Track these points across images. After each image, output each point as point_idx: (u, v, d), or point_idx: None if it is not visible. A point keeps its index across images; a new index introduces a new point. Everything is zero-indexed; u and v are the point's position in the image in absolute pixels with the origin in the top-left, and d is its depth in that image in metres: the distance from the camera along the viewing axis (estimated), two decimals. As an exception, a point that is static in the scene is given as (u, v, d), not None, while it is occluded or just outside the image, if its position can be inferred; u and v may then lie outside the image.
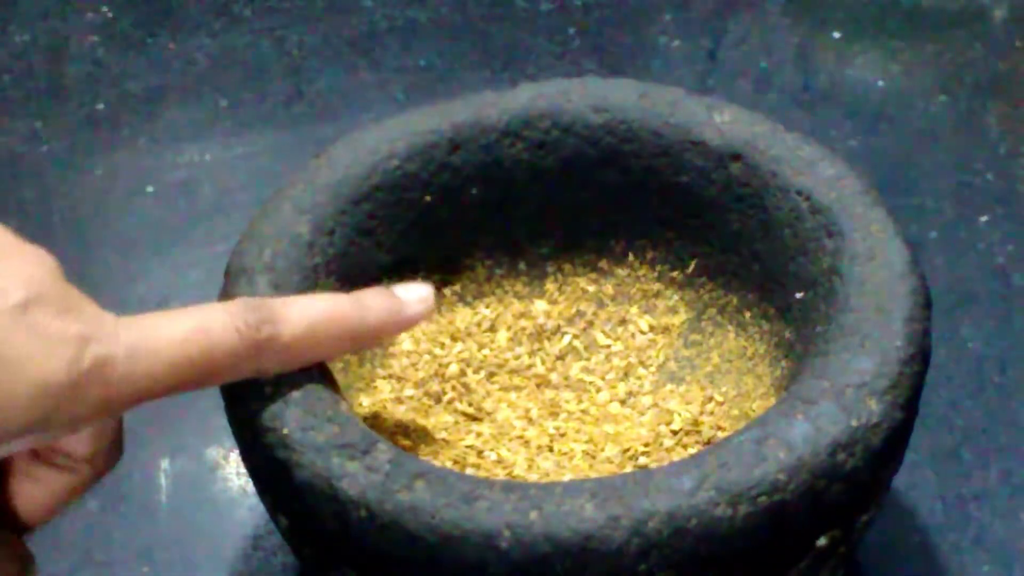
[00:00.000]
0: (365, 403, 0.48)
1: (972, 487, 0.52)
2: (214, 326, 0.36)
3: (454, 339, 0.51)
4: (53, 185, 0.67)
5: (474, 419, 0.48)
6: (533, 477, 0.46)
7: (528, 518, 0.37)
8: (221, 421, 0.44)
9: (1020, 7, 0.74)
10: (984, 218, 0.62)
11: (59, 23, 0.76)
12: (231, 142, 0.69)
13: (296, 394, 0.41)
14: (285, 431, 0.40)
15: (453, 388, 0.49)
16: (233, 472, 0.54)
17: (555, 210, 0.51)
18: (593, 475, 0.45)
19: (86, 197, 0.66)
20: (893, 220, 0.44)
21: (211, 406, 0.49)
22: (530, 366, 0.50)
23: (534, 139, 0.50)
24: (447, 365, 0.50)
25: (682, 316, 0.50)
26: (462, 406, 0.49)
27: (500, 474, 0.46)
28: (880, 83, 0.70)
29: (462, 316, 0.51)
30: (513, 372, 0.50)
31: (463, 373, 0.50)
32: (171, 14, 0.76)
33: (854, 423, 0.39)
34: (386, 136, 0.49)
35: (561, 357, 0.51)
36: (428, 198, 0.49)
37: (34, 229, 0.65)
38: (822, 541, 0.39)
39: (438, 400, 0.49)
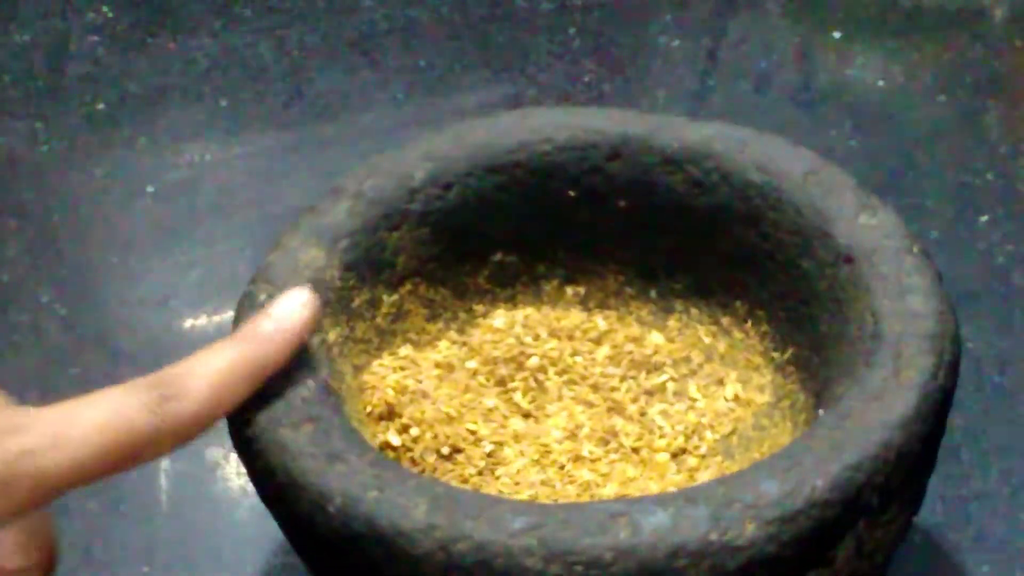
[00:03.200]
0: (410, 354, 0.48)
1: (972, 487, 0.52)
2: (129, 409, 0.36)
3: (552, 335, 0.50)
4: (53, 185, 0.67)
5: (525, 415, 0.48)
6: (502, 481, 0.46)
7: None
8: (221, 421, 0.44)
9: (1020, 7, 0.74)
10: (984, 218, 0.62)
11: (59, 23, 0.76)
12: (231, 142, 0.69)
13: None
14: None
15: (524, 380, 0.49)
16: (233, 472, 0.54)
17: (694, 249, 0.50)
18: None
19: (86, 197, 0.66)
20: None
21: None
22: (614, 389, 0.49)
23: (694, 176, 0.49)
24: (529, 356, 0.49)
25: (766, 397, 0.49)
26: (520, 398, 0.48)
27: (492, 476, 0.46)
28: (880, 83, 0.70)
29: (573, 317, 0.51)
30: (594, 388, 0.49)
31: (543, 369, 0.49)
32: (171, 14, 0.76)
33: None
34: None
35: (650, 393, 0.49)
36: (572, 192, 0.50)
37: (34, 229, 0.65)
38: None
39: (501, 384, 0.49)
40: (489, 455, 0.46)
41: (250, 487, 0.45)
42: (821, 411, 0.43)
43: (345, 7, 0.76)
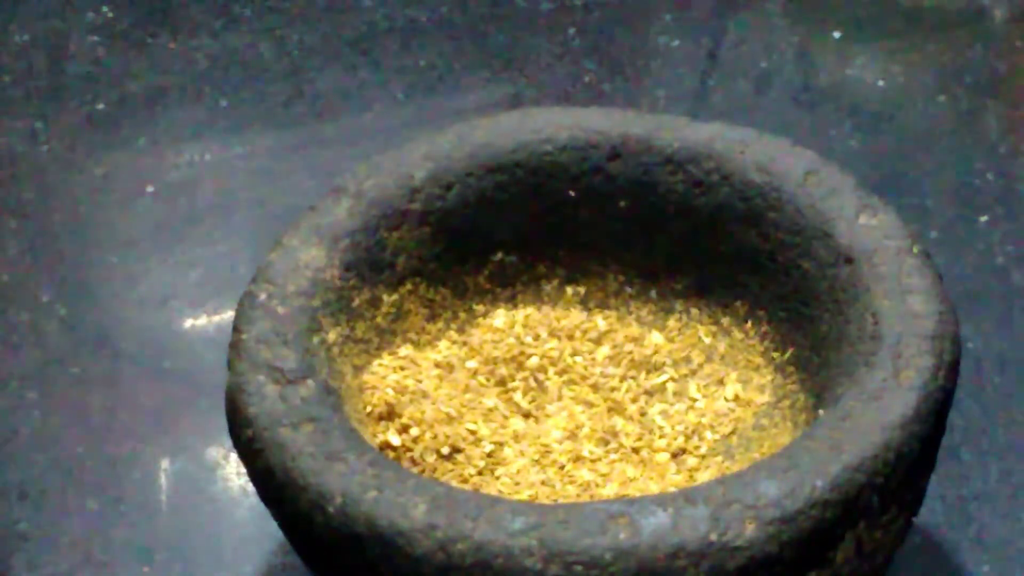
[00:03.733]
0: (410, 354, 0.48)
1: (972, 487, 0.52)
2: None
3: (552, 335, 0.50)
4: (53, 185, 0.67)
5: (525, 415, 0.48)
6: (502, 481, 0.45)
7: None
8: (221, 421, 0.44)
9: (1020, 7, 0.74)
10: (984, 218, 0.62)
11: (59, 23, 0.76)
12: (231, 142, 0.69)
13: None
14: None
15: (524, 380, 0.49)
16: (233, 472, 0.54)
17: (694, 249, 0.50)
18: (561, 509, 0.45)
19: (86, 197, 0.66)
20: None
21: (211, 406, 0.49)
22: (614, 389, 0.49)
23: (695, 177, 0.49)
24: (529, 356, 0.49)
25: (766, 397, 0.49)
26: (520, 398, 0.48)
27: (492, 476, 0.46)
28: (880, 83, 0.70)
29: (573, 317, 0.51)
30: (594, 388, 0.49)
31: (543, 369, 0.49)
32: (171, 14, 0.76)
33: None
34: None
35: (650, 393, 0.49)
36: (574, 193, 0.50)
37: (34, 229, 0.65)
38: None
39: (501, 384, 0.49)
40: (489, 455, 0.46)
41: (250, 487, 0.45)
42: (821, 411, 0.43)
43: (345, 7, 0.76)
